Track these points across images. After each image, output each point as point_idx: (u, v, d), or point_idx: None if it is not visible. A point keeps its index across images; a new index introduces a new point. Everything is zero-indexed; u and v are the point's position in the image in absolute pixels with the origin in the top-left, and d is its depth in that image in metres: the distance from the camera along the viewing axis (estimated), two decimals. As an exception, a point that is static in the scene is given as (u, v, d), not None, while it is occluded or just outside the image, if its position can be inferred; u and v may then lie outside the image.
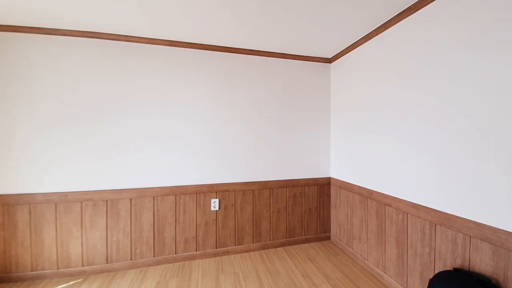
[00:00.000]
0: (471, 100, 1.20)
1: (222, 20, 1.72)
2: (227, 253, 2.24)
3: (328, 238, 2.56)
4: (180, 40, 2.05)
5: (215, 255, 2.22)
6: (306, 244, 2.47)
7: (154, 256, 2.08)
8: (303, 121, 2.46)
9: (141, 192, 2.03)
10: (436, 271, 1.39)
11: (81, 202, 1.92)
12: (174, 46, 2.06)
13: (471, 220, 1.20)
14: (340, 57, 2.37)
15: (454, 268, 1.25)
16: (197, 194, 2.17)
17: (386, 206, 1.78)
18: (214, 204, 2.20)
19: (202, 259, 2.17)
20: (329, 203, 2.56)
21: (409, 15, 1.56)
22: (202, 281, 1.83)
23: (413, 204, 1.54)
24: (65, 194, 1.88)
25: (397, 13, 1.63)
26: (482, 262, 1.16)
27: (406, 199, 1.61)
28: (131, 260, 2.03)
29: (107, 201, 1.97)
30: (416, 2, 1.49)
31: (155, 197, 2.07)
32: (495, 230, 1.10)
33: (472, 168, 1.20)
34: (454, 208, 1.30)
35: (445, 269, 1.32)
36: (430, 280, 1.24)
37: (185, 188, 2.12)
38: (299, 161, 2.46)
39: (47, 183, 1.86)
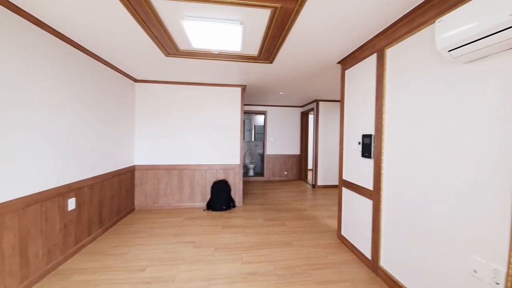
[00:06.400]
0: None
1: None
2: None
3: (134, 209, 3.56)
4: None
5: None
6: (128, 215, 3.26)
7: None
8: (121, 123, 3.17)
9: None
10: (208, 188, 3.70)
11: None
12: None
13: (217, 164, 3.71)
14: (144, 82, 3.56)
15: (214, 182, 3.65)
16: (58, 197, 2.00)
17: (184, 170, 3.66)
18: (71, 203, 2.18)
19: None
20: (134, 183, 3.56)
21: (190, 84, 3.63)
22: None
23: (196, 165, 3.68)
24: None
25: (184, 81, 3.59)
26: (221, 176, 3.73)
27: (192, 163, 3.68)
28: None
29: None
30: (198, 81, 3.61)
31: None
32: (229, 165, 3.71)
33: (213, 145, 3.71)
34: (204, 161, 3.71)
35: (212, 183, 3.69)
36: (211, 186, 3.52)
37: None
38: (120, 154, 3.15)
39: None
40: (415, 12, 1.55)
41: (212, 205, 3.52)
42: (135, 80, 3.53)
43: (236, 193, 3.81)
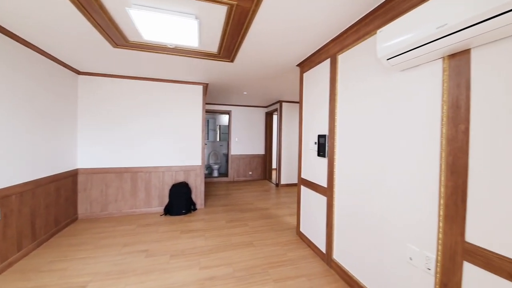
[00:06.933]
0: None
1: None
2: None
3: (77, 218, 3.15)
4: None
5: None
6: (70, 226, 2.86)
7: None
8: (60, 121, 2.76)
9: None
10: (166, 192, 3.47)
11: None
12: None
13: (176, 166, 3.50)
14: (90, 75, 3.17)
15: (173, 184, 3.44)
16: None
17: (138, 173, 3.37)
18: (-9, 214, 1.81)
19: None
20: (76, 189, 3.14)
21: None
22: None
23: (152, 167, 3.42)
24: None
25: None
26: (180, 178, 3.53)
27: (148, 165, 3.41)
28: None
29: None
30: (156, 78, 3.37)
31: None
32: (190, 166, 3.52)
33: (170, 145, 3.51)
34: (161, 163, 3.49)
35: (170, 186, 3.47)
36: (170, 189, 3.31)
37: None
38: (59, 156, 2.74)
39: None
40: (361, 22, 1.67)
41: (170, 210, 3.31)
42: (79, 73, 3.12)
43: (198, 195, 3.67)
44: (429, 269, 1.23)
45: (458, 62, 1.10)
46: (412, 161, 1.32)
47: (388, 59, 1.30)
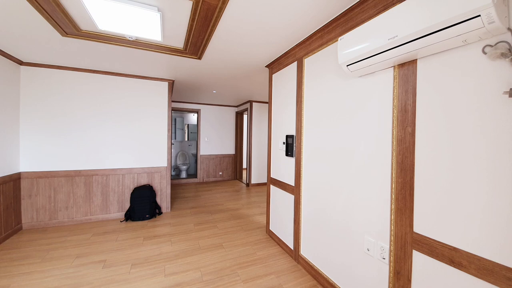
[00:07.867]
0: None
1: None
2: None
3: (20, 228, 2.74)
4: None
5: None
6: (11, 237, 2.46)
7: None
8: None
9: None
10: (127, 196, 3.22)
11: None
12: None
13: (138, 167, 3.27)
14: (35, 66, 2.77)
15: (135, 188, 3.21)
16: None
17: (93, 176, 3.06)
18: None
19: None
20: (19, 195, 2.73)
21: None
22: None
23: (110, 169, 3.14)
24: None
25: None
26: (143, 180, 3.31)
27: (106, 168, 3.12)
28: None
29: None
30: (115, 71, 3.09)
31: None
32: (154, 168, 3.31)
33: (150, 150, 3.27)
34: (121, 164, 3.25)
35: (132, 190, 3.23)
36: (131, 193, 3.08)
37: None
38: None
39: None
40: (325, 29, 1.76)
41: (132, 215, 3.08)
42: (21, 63, 2.71)
43: (163, 199, 3.48)
44: (384, 258, 1.34)
45: (406, 71, 1.23)
46: (369, 160, 1.44)
47: (347, 65, 1.39)
